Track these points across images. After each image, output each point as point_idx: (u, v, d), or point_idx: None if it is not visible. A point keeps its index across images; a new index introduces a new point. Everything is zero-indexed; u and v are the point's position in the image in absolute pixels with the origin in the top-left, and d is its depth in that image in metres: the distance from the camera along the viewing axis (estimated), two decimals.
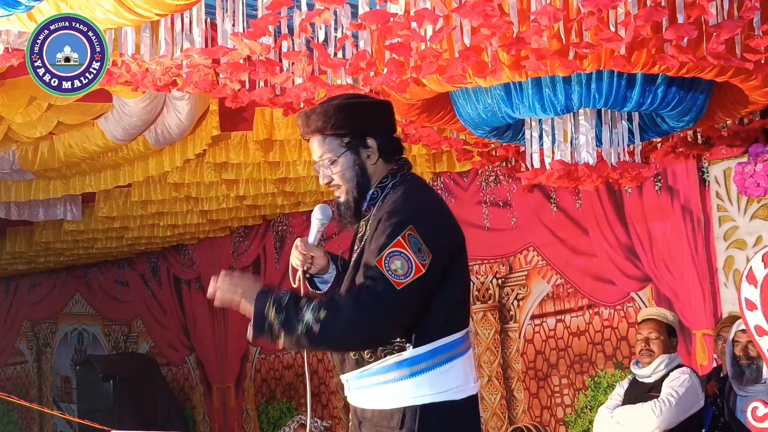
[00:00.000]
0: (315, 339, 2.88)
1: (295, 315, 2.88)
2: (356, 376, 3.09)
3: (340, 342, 2.95)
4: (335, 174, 3.13)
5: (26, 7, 4.17)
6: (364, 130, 3.11)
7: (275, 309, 2.89)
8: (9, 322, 13.18)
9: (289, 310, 2.89)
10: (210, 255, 10.86)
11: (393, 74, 4.82)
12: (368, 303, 2.88)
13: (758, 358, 5.37)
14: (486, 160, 6.77)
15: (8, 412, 13.00)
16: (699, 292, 6.95)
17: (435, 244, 2.95)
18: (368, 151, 3.11)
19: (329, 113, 3.10)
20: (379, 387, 3.04)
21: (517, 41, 4.40)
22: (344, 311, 2.89)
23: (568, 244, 7.74)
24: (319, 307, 2.88)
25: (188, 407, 11.12)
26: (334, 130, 3.10)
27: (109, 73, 4.80)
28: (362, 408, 3.13)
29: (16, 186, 8.36)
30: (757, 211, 6.71)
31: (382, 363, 3.01)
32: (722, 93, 5.38)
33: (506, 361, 8.17)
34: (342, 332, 2.89)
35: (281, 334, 2.89)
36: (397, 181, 3.13)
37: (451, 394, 3.01)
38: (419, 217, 2.98)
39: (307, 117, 3.14)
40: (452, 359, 3.02)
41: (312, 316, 2.87)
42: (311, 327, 2.86)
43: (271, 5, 4.32)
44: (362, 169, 3.12)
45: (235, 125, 7.20)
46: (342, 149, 3.11)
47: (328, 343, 2.96)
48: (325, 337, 2.88)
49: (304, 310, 2.88)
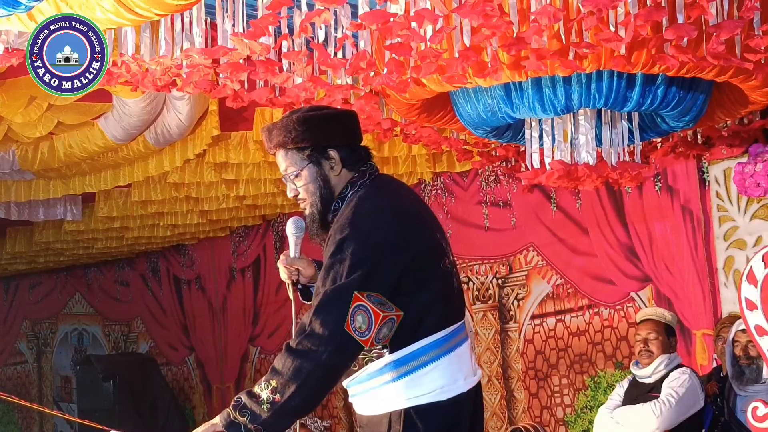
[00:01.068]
0: (284, 407, 2.90)
1: (256, 404, 2.91)
2: (348, 384, 3.14)
3: (307, 390, 2.93)
4: (300, 187, 3.17)
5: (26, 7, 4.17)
6: (326, 142, 3.13)
7: (239, 413, 2.92)
8: (9, 322, 13.19)
9: (250, 404, 2.92)
10: (210, 255, 10.86)
11: (393, 74, 4.82)
12: (318, 340, 2.90)
13: (758, 358, 5.37)
14: (486, 160, 6.77)
15: (8, 412, 13.00)
16: (699, 292, 6.95)
17: (382, 258, 2.94)
18: (331, 163, 3.13)
19: (290, 127, 3.13)
20: (368, 393, 3.08)
21: (517, 41, 4.40)
22: (285, 367, 2.91)
23: (568, 244, 7.74)
24: (267, 381, 2.92)
25: (188, 407, 11.12)
26: (295, 143, 3.13)
27: (109, 73, 4.79)
28: (360, 414, 3.18)
29: (16, 186, 8.36)
30: (757, 211, 6.71)
31: (365, 371, 3.05)
32: (722, 93, 5.38)
33: (506, 361, 8.17)
34: (300, 384, 2.89)
35: (261, 429, 2.91)
36: (357, 189, 3.13)
37: (435, 395, 3.01)
38: (360, 237, 2.97)
39: (270, 132, 3.17)
40: (435, 359, 3.02)
41: (266, 393, 2.90)
42: (272, 401, 2.89)
43: (271, 5, 4.31)
44: (325, 181, 3.14)
45: (235, 125, 7.20)
46: (304, 162, 3.13)
47: (297, 400, 2.92)
48: (291, 400, 2.90)
49: (259, 394, 2.92)
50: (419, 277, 3.01)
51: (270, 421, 2.90)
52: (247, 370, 10.45)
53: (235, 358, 10.57)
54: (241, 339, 10.49)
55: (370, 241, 2.96)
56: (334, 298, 2.92)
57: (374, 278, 2.93)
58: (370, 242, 2.96)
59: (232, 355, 10.61)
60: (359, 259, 2.93)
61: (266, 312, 10.18)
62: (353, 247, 2.95)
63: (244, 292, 10.45)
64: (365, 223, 3.01)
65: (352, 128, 3.24)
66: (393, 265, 2.96)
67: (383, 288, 2.94)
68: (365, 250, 2.95)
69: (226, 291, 10.69)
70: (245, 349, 10.47)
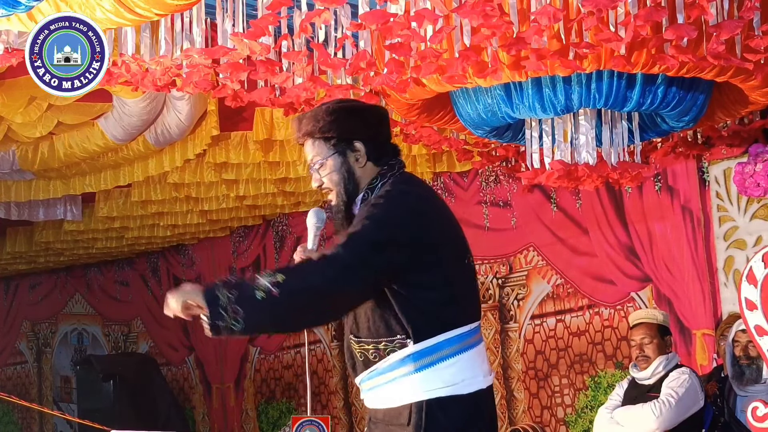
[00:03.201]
0: (277, 303, 2.82)
1: (250, 285, 2.82)
2: (366, 377, 3.11)
3: (306, 300, 2.89)
4: (324, 177, 3.20)
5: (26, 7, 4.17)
6: (352, 134, 3.16)
7: (225, 288, 2.82)
8: (9, 322, 13.18)
9: (242, 285, 2.84)
10: (210, 255, 10.86)
11: (393, 74, 4.82)
12: (327, 260, 2.91)
13: (758, 358, 5.37)
14: (486, 160, 6.77)
15: (8, 412, 13.00)
16: (699, 292, 6.95)
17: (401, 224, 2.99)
18: (356, 155, 3.16)
19: (318, 117, 3.16)
20: (388, 385, 3.06)
21: (517, 41, 4.40)
22: (303, 268, 2.93)
23: (568, 244, 7.74)
24: (274, 272, 2.86)
25: (188, 407, 11.12)
26: (322, 133, 3.16)
27: (109, 73, 4.79)
28: (375, 409, 3.15)
29: (16, 186, 8.36)
30: (757, 211, 6.71)
31: (387, 361, 3.03)
32: (722, 93, 5.38)
33: (506, 361, 8.17)
34: (305, 287, 2.86)
35: (238, 315, 2.79)
36: (386, 180, 3.16)
37: (457, 388, 3.03)
38: (392, 204, 3.03)
39: (300, 121, 3.21)
40: (459, 353, 3.04)
41: (268, 280, 2.83)
42: (270, 291, 2.80)
43: (271, 5, 4.32)
44: (349, 172, 3.17)
45: (235, 125, 7.20)
46: (330, 152, 3.16)
47: (294, 304, 2.87)
48: (289, 298, 2.83)
49: (258, 279, 2.84)
50: (446, 269, 3.04)
51: (255, 312, 2.82)
52: (247, 370, 10.45)
53: (234, 358, 10.57)
54: (240, 339, 10.48)
55: (401, 212, 3.02)
56: (356, 239, 2.94)
57: (395, 242, 2.96)
58: (401, 213, 3.02)
59: (231, 355, 10.61)
60: (389, 222, 2.98)
61: None
62: (385, 209, 3.01)
63: None
64: (399, 199, 3.06)
65: (381, 123, 3.26)
66: (415, 242, 2.99)
67: (400, 255, 2.96)
68: (395, 217, 3.00)
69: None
70: (245, 349, 10.47)
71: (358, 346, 3.09)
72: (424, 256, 3.00)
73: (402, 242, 2.97)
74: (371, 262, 2.94)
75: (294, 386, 10.04)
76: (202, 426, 10.96)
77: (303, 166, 7.69)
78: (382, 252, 2.94)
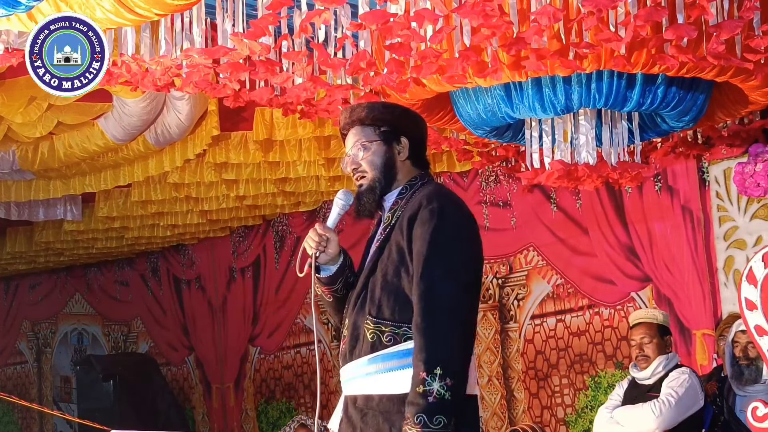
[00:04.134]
0: (456, 384, 2.95)
1: (437, 402, 2.93)
2: (369, 360, 3.11)
3: (461, 366, 3.01)
4: (364, 159, 3.28)
5: (26, 7, 4.17)
6: (400, 128, 3.30)
7: (433, 423, 2.93)
8: (9, 322, 13.18)
9: (433, 409, 2.93)
10: (210, 255, 10.86)
11: (393, 74, 4.82)
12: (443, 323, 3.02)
13: (758, 359, 5.37)
14: (486, 160, 6.76)
15: (8, 412, 13.00)
16: (699, 292, 6.95)
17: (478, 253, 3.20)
18: (399, 147, 3.29)
19: (373, 106, 3.34)
20: (393, 372, 3.07)
21: (517, 41, 4.40)
22: (443, 349, 2.98)
23: (568, 244, 7.74)
24: (430, 372, 2.94)
25: (188, 407, 11.12)
26: (373, 120, 3.29)
27: (109, 73, 4.79)
28: (368, 395, 3.12)
29: (16, 186, 8.36)
30: (757, 211, 6.71)
31: (400, 347, 3.06)
32: (722, 93, 5.38)
33: (506, 361, 8.17)
34: (456, 362, 2.98)
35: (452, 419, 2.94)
36: (425, 181, 3.29)
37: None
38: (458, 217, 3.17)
39: (352, 109, 3.34)
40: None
41: (437, 384, 2.93)
42: (447, 386, 2.94)
43: (271, 5, 4.32)
44: (391, 160, 3.28)
45: (235, 125, 7.20)
46: (376, 137, 3.28)
47: (460, 374, 2.99)
48: (456, 380, 2.96)
49: (429, 388, 2.94)
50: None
51: (455, 404, 2.95)
52: (247, 370, 10.44)
53: (234, 358, 10.57)
54: (240, 339, 10.49)
55: (465, 222, 3.18)
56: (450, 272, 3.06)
57: (479, 253, 3.17)
58: (466, 222, 3.18)
59: (231, 355, 10.61)
60: (466, 237, 3.15)
61: (266, 312, 10.18)
62: (462, 245, 3.14)
63: (244, 292, 10.44)
64: (459, 214, 3.18)
65: (424, 132, 3.42)
66: (480, 243, 3.21)
67: (482, 258, 3.19)
68: (467, 228, 3.18)
69: (226, 291, 10.68)
70: (245, 349, 10.47)
71: (374, 326, 3.10)
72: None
73: (479, 241, 3.18)
74: (473, 283, 3.14)
75: (294, 386, 10.04)
76: (202, 426, 10.96)
77: (303, 166, 7.69)
78: (476, 267, 3.17)
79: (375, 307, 3.11)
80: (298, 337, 9.92)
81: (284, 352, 10.08)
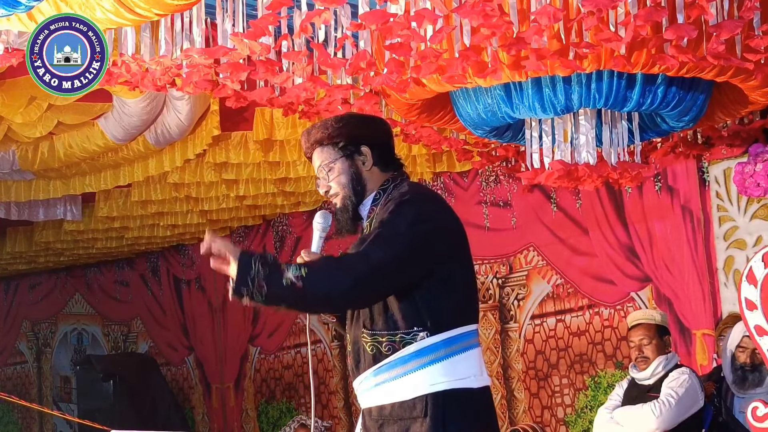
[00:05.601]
0: (297, 293, 2.95)
1: (280, 268, 2.95)
2: (374, 372, 3.12)
3: (324, 297, 3.00)
4: (332, 180, 3.28)
5: (26, 7, 4.17)
6: (359, 138, 3.28)
7: (260, 263, 2.96)
8: (9, 322, 13.18)
9: (273, 266, 2.96)
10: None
11: (393, 74, 4.82)
12: (350, 259, 3.04)
13: (762, 365, 5.37)
14: (486, 160, 6.77)
15: (8, 412, 13.00)
16: (699, 292, 6.95)
17: (435, 219, 3.11)
18: (363, 158, 3.27)
19: (327, 125, 3.31)
20: (399, 379, 3.08)
21: (517, 41, 4.40)
22: (325, 266, 3.02)
23: (568, 244, 7.74)
24: (299, 266, 2.97)
25: (188, 407, 11.12)
26: (330, 139, 3.28)
27: (109, 73, 4.79)
28: (381, 405, 3.13)
29: (16, 186, 8.36)
30: (757, 211, 6.71)
31: (401, 353, 3.07)
32: (722, 93, 5.38)
33: (506, 361, 8.18)
34: (324, 283, 2.97)
35: (263, 288, 2.95)
36: (397, 183, 3.28)
37: (469, 381, 3.09)
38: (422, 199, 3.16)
39: (309, 133, 3.34)
40: (468, 349, 3.13)
41: (293, 273, 2.94)
42: (294, 283, 2.93)
43: (271, 5, 4.31)
44: (357, 174, 3.27)
45: (235, 125, 7.20)
46: (338, 155, 3.27)
47: (312, 298, 2.99)
48: (310, 291, 2.95)
49: (286, 269, 2.96)
50: (464, 268, 3.17)
51: (276, 294, 2.96)
52: (247, 370, 10.45)
53: (234, 358, 10.57)
54: (240, 339, 10.49)
55: (432, 207, 3.15)
56: (391, 236, 3.03)
57: (431, 238, 3.06)
58: (433, 209, 3.15)
59: (231, 355, 10.61)
60: (423, 218, 3.08)
61: (266, 312, 10.17)
62: (419, 207, 3.11)
63: None
64: (426, 197, 3.20)
65: (386, 133, 3.39)
66: (447, 238, 3.12)
67: (435, 250, 3.07)
68: (428, 212, 3.11)
69: (225, 291, 10.65)
70: (245, 349, 10.47)
71: (371, 338, 3.11)
72: (453, 256, 3.12)
73: (439, 237, 3.09)
74: (408, 261, 3.03)
75: (294, 386, 10.04)
76: (202, 426, 10.96)
77: (303, 166, 7.69)
78: (420, 249, 3.04)
79: (368, 318, 3.13)
80: (298, 337, 9.92)
81: (284, 352, 10.08)
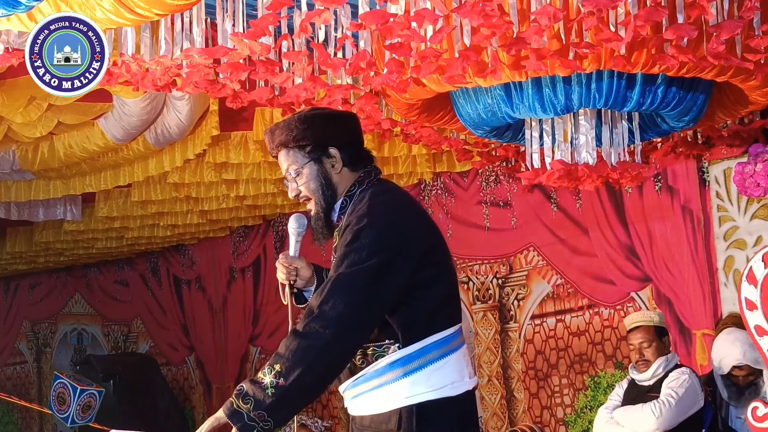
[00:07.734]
0: (289, 392, 2.88)
1: (260, 387, 2.88)
2: (351, 384, 3.11)
3: (313, 376, 2.93)
4: (302, 186, 3.19)
5: (26, 7, 4.17)
6: (326, 140, 3.16)
7: (241, 401, 2.90)
8: (9, 322, 13.17)
9: (253, 389, 2.90)
10: (210, 255, 10.86)
11: (393, 74, 4.82)
12: (326, 322, 2.91)
13: (759, 377, 5.38)
14: (486, 160, 6.77)
15: (8, 412, 12.99)
16: (699, 292, 6.95)
17: (391, 245, 2.98)
18: (332, 161, 3.16)
19: (291, 126, 3.17)
20: (375, 391, 3.06)
21: (517, 41, 4.40)
22: (300, 344, 2.91)
23: (568, 244, 7.74)
24: (270, 366, 2.91)
25: (188, 407, 11.12)
26: (296, 141, 3.16)
27: (109, 73, 4.79)
28: (361, 416, 3.14)
29: (16, 186, 8.36)
30: (757, 211, 6.71)
31: (374, 367, 3.03)
32: (722, 93, 5.38)
33: (506, 361, 8.17)
34: (308, 366, 2.89)
35: (264, 418, 2.88)
36: (364, 188, 3.17)
37: (447, 390, 3.03)
38: (379, 228, 3.00)
39: (272, 133, 3.21)
40: (445, 355, 3.04)
41: (269, 378, 2.89)
42: (277, 385, 2.87)
43: (271, 5, 4.31)
44: (326, 179, 3.16)
45: (235, 125, 7.20)
46: (305, 159, 3.16)
47: (304, 384, 2.91)
48: (296, 382, 2.88)
49: (262, 379, 2.90)
50: (434, 272, 3.05)
51: (274, 407, 2.87)
52: (247, 370, 10.44)
53: (235, 358, 10.57)
54: (241, 339, 10.49)
55: (388, 231, 3.00)
56: (348, 281, 2.93)
57: (391, 267, 2.95)
58: (389, 233, 3.00)
59: (232, 355, 10.61)
60: (378, 248, 2.96)
61: (266, 312, 10.18)
62: (372, 236, 2.97)
63: (244, 292, 10.44)
64: (382, 215, 3.04)
65: (354, 129, 3.27)
66: (410, 257, 2.99)
67: (399, 277, 2.96)
68: (384, 240, 2.98)
69: (226, 291, 10.68)
70: (245, 349, 10.47)
71: None
72: (417, 268, 3.01)
73: (401, 261, 2.97)
74: (372, 302, 2.94)
75: None
76: None
77: None
78: (382, 285, 2.94)
79: None
80: None
81: None
